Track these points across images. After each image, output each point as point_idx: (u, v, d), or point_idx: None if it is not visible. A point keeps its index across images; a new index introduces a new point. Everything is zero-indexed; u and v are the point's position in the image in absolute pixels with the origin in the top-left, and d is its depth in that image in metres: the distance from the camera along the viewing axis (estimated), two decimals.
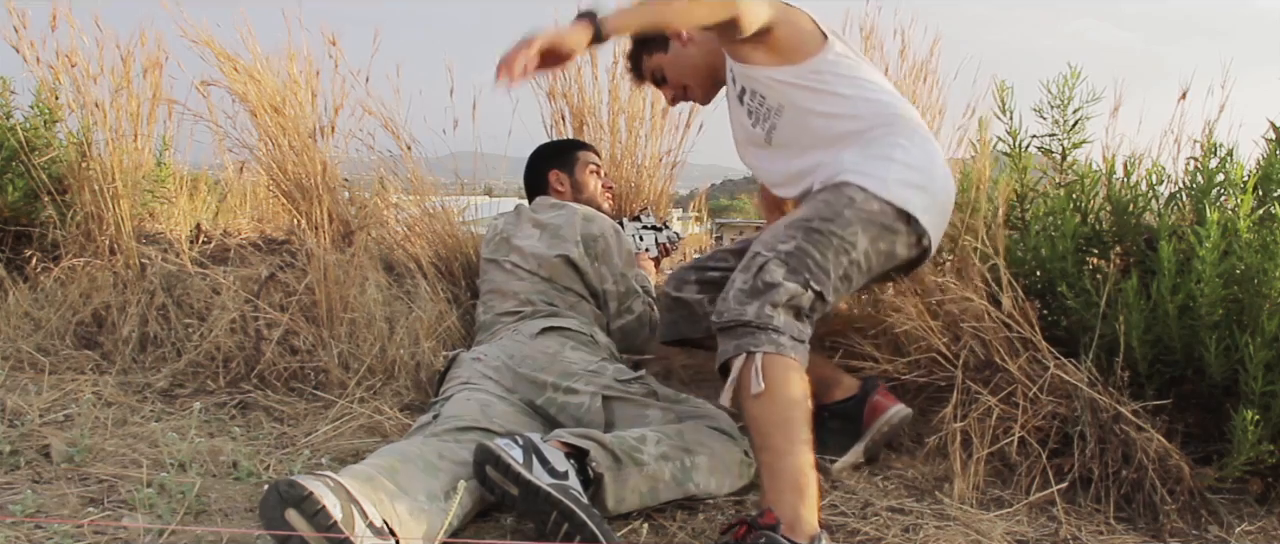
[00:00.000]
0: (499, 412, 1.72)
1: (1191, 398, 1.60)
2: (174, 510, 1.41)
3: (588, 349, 1.93)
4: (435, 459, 1.42)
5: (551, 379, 1.79)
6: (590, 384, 1.76)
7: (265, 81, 2.59)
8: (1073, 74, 1.80)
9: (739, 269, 1.54)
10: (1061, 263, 1.69)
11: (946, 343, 1.76)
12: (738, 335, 1.45)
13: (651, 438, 1.50)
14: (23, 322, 2.49)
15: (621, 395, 1.74)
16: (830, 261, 1.53)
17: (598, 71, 2.97)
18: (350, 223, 2.58)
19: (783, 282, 1.48)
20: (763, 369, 1.40)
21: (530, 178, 2.44)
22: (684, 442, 1.54)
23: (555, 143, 2.54)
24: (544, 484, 1.29)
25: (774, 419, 1.37)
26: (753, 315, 1.45)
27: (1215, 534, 1.44)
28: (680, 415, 1.69)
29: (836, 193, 1.59)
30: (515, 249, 2.16)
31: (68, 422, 1.90)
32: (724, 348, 1.48)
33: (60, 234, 2.67)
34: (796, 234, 1.54)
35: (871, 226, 1.56)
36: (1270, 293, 1.43)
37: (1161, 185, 1.73)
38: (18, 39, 2.70)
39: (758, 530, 1.23)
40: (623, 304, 2.16)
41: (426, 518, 1.29)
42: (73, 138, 2.70)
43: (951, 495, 1.53)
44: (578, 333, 1.97)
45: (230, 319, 2.30)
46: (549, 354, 1.85)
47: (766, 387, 1.39)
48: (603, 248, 2.15)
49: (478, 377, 1.82)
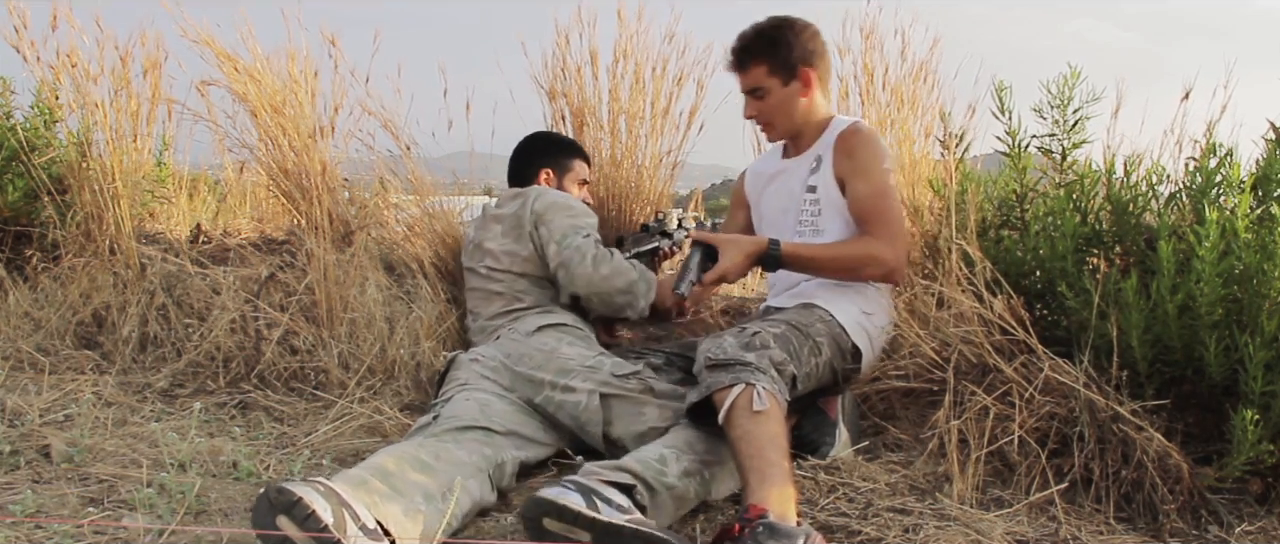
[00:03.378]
0: (498, 410, 1.72)
1: (1191, 398, 1.60)
2: (174, 510, 1.41)
3: (584, 343, 1.92)
4: (431, 460, 1.42)
5: (549, 377, 1.79)
6: (588, 381, 1.76)
7: (265, 81, 2.59)
8: (1073, 74, 1.80)
9: (730, 334, 1.67)
10: (1061, 263, 1.69)
11: (936, 348, 1.77)
12: (736, 370, 1.54)
13: (670, 456, 1.47)
14: (23, 322, 2.49)
15: (619, 392, 1.74)
16: (806, 356, 1.71)
17: (598, 71, 2.98)
18: (350, 223, 2.58)
19: (773, 347, 1.62)
20: (763, 397, 1.49)
21: (519, 166, 2.39)
22: (699, 454, 1.52)
23: (554, 138, 2.50)
24: (622, 521, 1.26)
25: (768, 435, 1.45)
26: (753, 359, 1.56)
27: (1215, 534, 1.44)
28: (677, 414, 1.68)
29: (808, 311, 1.84)
30: (487, 252, 2.14)
31: (68, 422, 1.90)
32: (717, 378, 1.55)
33: (60, 234, 2.67)
34: (781, 325, 1.72)
35: (833, 345, 1.81)
36: (1270, 293, 1.43)
37: (1161, 185, 1.73)
38: (18, 39, 2.71)
39: (753, 522, 1.25)
40: (562, 243, 2.05)
41: (422, 518, 1.29)
42: (73, 138, 2.70)
43: (952, 496, 1.53)
44: (574, 328, 1.96)
45: (230, 319, 2.30)
46: (546, 351, 1.85)
47: (763, 410, 1.47)
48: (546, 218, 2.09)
49: (475, 377, 1.82)
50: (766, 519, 1.26)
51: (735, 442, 1.46)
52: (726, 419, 1.48)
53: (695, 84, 3.02)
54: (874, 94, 2.91)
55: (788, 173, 2.09)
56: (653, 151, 3.00)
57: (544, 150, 2.39)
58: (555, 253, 2.04)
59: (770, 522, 1.25)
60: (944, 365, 1.72)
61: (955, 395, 1.66)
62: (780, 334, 1.67)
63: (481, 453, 1.55)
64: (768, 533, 1.22)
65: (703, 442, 1.56)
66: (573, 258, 2.02)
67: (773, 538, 1.21)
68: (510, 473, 1.61)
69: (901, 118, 2.88)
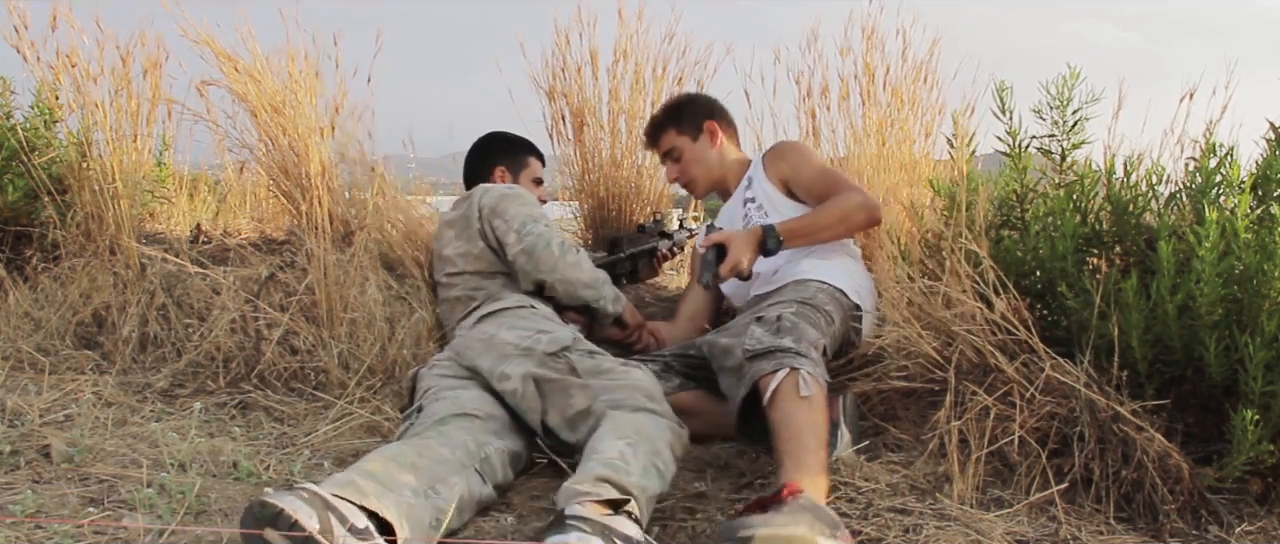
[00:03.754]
0: (469, 397, 1.72)
1: (1191, 398, 1.60)
2: (174, 510, 1.41)
3: (526, 320, 1.90)
4: (414, 456, 1.42)
5: (488, 365, 1.79)
6: (521, 366, 1.75)
7: (265, 81, 2.58)
8: (1072, 74, 1.79)
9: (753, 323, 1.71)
10: (1061, 263, 1.69)
11: (937, 347, 1.77)
12: (778, 356, 1.57)
13: (628, 452, 1.43)
14: (23, 322, 2.49)
15: (548, 375, 1.72)
16: (825, 326, 1.78)
17: (598, 71, 2.98)
18: (350, 223, 2.58)
19: (804, 325, 1.68)
20: (809, 381, 1.53)
21: (475, 166, 2.40)
22: (648, 441, 1.49)
23: (506, 136, 2.50)
24: None
25: (809, 422, 1.48)
26: (790, 343, 1.60)
27: (1215, 534, 1.44)
28: (597, 392, 1.66)
29: (800, 286, 1.92)
30: (445, 260, 2.17)
31: (68, 422, 1.90)
32: (760, 367, 1.57)
33: (60, 234, 2.67)
34: (791, 304, 1.78)
35: (839, 309, 1.88)
36: (1270, 293, 1.43)
37: (1161, 185, 1.73)
38: (18, 39, 2.70)
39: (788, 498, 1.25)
40: (522, 230, 2.06)
41: (413, 511, 1.29)
42: (73, 138, 2.70)
43: (952, 496, 1.53)
44: (514, 309, 1.94)
45: (230, 319, 2.30)
46: (484, 340, 1.85)
47: (809, 396, 1.51)
48: (500, 209, 2.10)
49: (437, 380, 1.82)
50: (804, 496, 1.26)
51: (775, 425, 1.48)
52: (771, 402, 1.51)
53: (696, 84, 3.02)
54: (874, 94, 2.92)
55: (726, 207, 2.31)
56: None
57: (498, 148, 2.41)
58: (515, 241, 2.05)
59: (811, 498, 1.26)
60: (945, 365, 1.71)
61: (956, 395, 1.66)
62: (795, 311, 1.73)
63: (465, 447, 1.54)
64: (809, 502, 1.23)
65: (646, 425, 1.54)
66: (536, 244, 2.04)
67: (812, 510, 1.21)
68: (500, 465, 1.59)
69: (902, 118, 2.88)
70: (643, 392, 1.66)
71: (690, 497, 1.63)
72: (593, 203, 3.03)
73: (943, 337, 1.77)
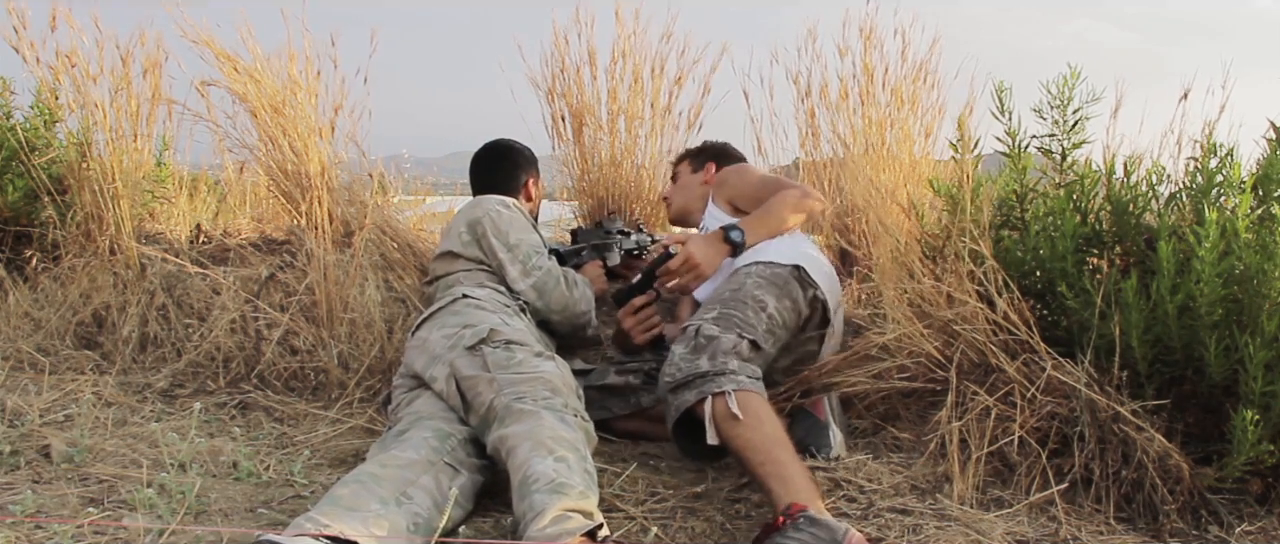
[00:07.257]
0: (422, 404, 1.70)
1: (1191, 398, 1.60)
2: (174, 510, 1.41)
3: (456, 316, 1.85)
4: (378, 470, 1.40)
5: (421, 368, 1.77)
6: (444, 366, 1.71)
7: (265, 82, 2.58)
8: (1072, 74, 1.79)
9: (675, 344, 1.72)
10: (1061, 263, 1.68)
11: (939, 347, 1.77)
12: (697, 385, 1.58)
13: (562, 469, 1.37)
14: (23, 322, 2.49)
15: (465, 372, 1.66)
16: (752, 317, 1.76)
17: (597, 71, 2.98)
18: (350, 223, 2.58)
19: (719, 334, 1.68)
20: (737, 402, 1.52)
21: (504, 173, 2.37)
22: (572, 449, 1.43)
23: (528, 150, 2.50)
24: None
25: (768, 438, 1.48)
26: (707, 366, 1.60)
27: (1215, 534, 1.44)
28: (501, 386, 1.59)
29: (733, 277, 1.92)
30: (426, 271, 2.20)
31: (68, 422, 1.90)
32: (683, 398, 1.59)
33: (60, 234, 2.67)
34: (715, 308, 1.78)
35: (772, 287, 1.85)
36: (1270, 293, 1.43)
37: (1161, 185, 1.73)
38: (18, 39, 2.70)
39: (794, 516, 1.26)
40: (527, 264, 2.07)
41: (385, 520, 1.28)
42: (73, 138, 2.70)
43: (952, 496, 1.53)
44: (447, 307, 1.90)
45: (230, 319, 2.30)
46: (419, 345, 1.83)
47: (745, 414, 1.51)
48: (485, 228, 2.09)
49: (400, 395, 1.81)
50: (807, 513, 1.28)
51: (739, 453, 1.49)
52: (718, 435, 1.53)
53: (695, 84, 3.02)
54: (874, 94, 2.92)
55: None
56: (652, 151, 3.01)
57: (528, 161, 2.42)
58: (521, 273, 2.07)
59: (810, 515, 1.27)
60: (947, 365, 1.71)
61: (957, 395, 1.66)
62: (716, 316, 1.74)
63: (429, 444, 1.51)
64: (809, 523, 1.24)
65: (564, 429, 1.48)
66: (547, 282, 2.08)
67: (814, 527, 1.23)
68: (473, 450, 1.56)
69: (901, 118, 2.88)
70: (547, 385, 1.59)
71: (690, 497, 1.63)
72: (592, 202, 3.03)
73: (944, 336, 1.77)
